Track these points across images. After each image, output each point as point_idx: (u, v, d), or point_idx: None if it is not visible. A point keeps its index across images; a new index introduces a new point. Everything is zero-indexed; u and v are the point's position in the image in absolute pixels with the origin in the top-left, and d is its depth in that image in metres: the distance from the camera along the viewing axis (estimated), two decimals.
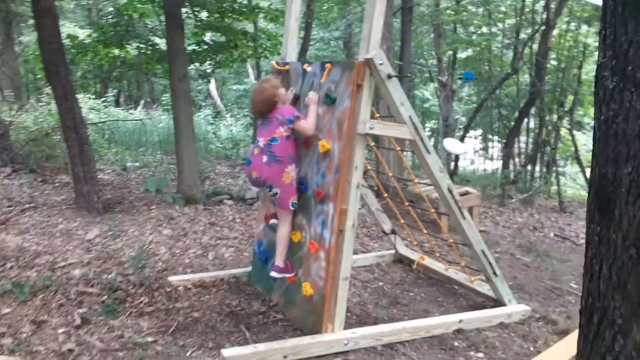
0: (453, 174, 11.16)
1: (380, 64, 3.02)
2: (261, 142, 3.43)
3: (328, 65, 3.36)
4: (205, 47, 8.14)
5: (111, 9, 8.04)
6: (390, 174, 4.31)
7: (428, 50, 15.96)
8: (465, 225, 3.63)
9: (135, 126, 12.21)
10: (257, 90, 3.49)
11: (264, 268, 4.06)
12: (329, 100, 3.28)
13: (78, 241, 4.82)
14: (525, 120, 10.77)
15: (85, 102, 13.76)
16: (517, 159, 11.30)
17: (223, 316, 3.62)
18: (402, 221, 4.95)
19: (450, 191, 3.48)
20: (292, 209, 3.52)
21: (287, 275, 3.60)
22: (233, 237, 5.51)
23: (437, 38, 13.94)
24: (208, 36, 9.15)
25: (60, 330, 3.12)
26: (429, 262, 4.85)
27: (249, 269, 4.34)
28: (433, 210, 4.33)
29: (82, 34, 9.34)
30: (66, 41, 5.95)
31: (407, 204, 4.46)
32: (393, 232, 5.01)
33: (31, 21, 5.99)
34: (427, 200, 4.71)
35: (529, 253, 5.75)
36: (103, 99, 15.55)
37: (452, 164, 11.26)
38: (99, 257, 4.42)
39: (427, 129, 21.21)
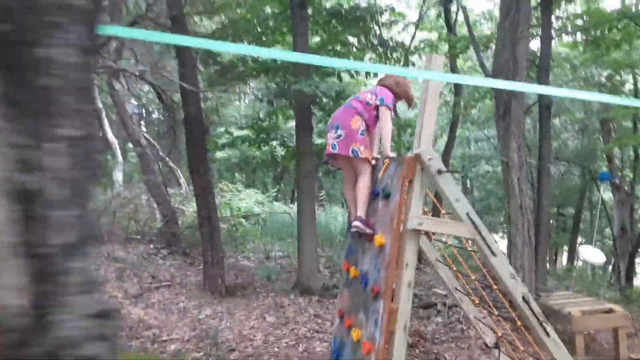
0: (623, 287, 9.44)
1: (429, 160, 2.95)
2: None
3: (386, 161, 3.38)
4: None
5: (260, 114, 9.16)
6: (473, 277, 3.91)
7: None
8: (551, 345, 3.08)
9: (286, 218, 13.23)
10: (400, 77, 3.78)
11: None
12: (385, 195, 3.27)
13: (189, 319, 5.29)
14: None
15: (251, 197, 15.51)
16: None
17: None
18: (507, 332, 4.39)
19: (526, 301, 3.04)
20: (352, 155, 3.47)
21: (368, 231, 3.39)
22: (332, 331, 5.45)
23: (605, 134, 12.65)
24: None
25: None
26: None
27: None
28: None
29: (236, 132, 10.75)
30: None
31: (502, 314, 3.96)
32: (496, 346, 4.43)
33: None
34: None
35: None
36: (268, 194, 17.28)
37: (622, 275, 9.58)
38: (198, 336, 4.78)
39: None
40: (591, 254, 5.37)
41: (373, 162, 3.67)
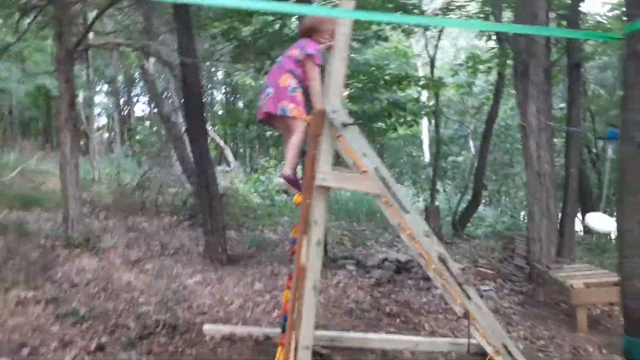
0: None
1: (334, 112, 2.78)
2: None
3: (310, 117, 3.23)
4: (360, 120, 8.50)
5: None
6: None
7: None
8: (475, 311, 2.84)
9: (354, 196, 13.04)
10: (316, 17, 3.51)
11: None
12: (302, 152, 3.14)
13: (176, 285, 5.44)
14: None
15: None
16: None
17: None
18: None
19: (443, 261, 2.81)
20: (280, 113, 3.26)
21: (292, 191, 3.31)
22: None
23: None
24: None
25: (74, 352, 3.60)
26: None
27: None
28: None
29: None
30: None
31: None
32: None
33: None
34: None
35: None
36: None
37: None
38: (174, 299, 4.92)
39: None
40: (598, 222, 4.86)
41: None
